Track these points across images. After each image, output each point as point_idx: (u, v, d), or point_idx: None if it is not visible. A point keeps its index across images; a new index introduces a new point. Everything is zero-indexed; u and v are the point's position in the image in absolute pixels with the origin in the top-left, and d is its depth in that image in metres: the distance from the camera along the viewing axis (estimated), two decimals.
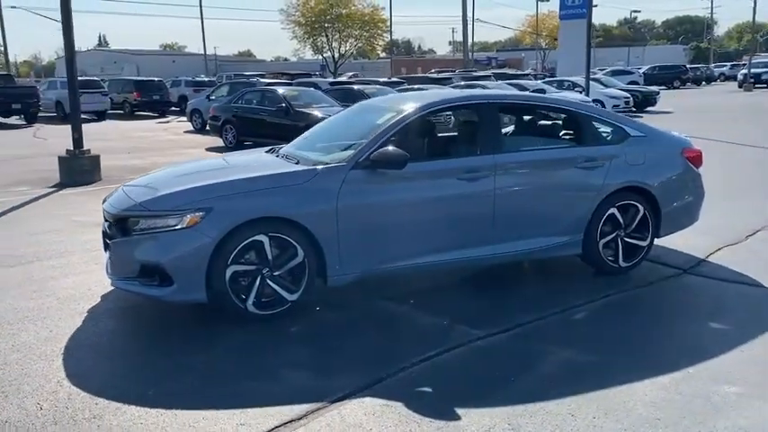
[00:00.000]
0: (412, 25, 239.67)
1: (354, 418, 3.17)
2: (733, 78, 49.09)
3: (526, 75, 34.36)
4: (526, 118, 6.03)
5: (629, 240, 5.27)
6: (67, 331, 4.26)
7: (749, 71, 40.81)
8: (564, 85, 24.41)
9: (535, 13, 65.95)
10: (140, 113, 28.02)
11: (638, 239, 5.30)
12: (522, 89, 19.34)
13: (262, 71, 39.64)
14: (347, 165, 4.48)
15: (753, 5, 45.48)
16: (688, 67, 51.03)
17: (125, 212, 4.35)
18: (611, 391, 3.40)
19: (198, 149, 15.18)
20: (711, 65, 63.70)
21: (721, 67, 61.90)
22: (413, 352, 3.86)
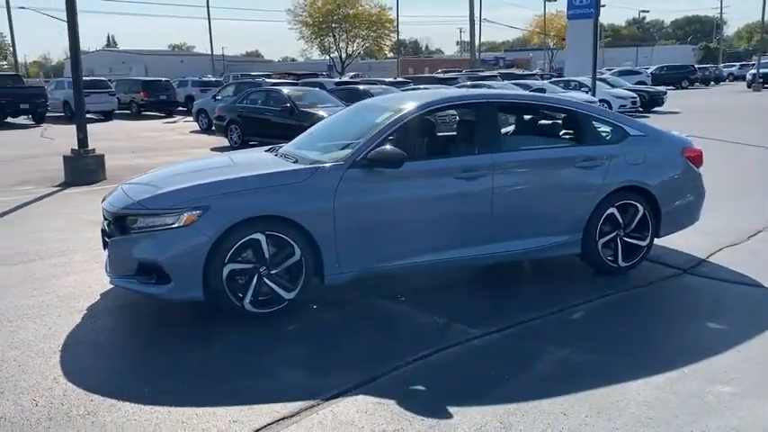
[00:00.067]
0: (419, 25, 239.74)
1: (347, 415, 3.18)
2: (742, 78, 48.76)
3: (533, 75, 34.28)
4: (525, 117, 6.02)
5: (628, 240, 5.25)
6: (66, 329, 4.29)
7: (758, 71, 40.49)
8: (570, 85, 24.32)
9: (543, 12, 65.97)
10: (147, 113, 28.12)
11: (638, 239, 5.28)
12: (527, 89, 19.29)
13: (269, 71, 39.75)
14: (345, 164, 4.49)
15: (762, 5, 45.08)
16: (696, 67, 50.72)
17: (123, 211, 4.37)
18: (604, 390, 3.39)
19: (203, 149, 15.21)
20: (720, 65, 63.30)
21: (730, 67, 61.47)
22: (409, 350, 3.87)
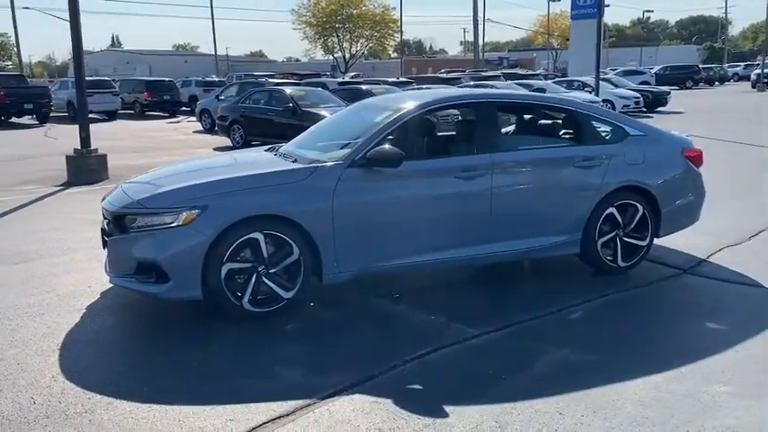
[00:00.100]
0: (423, 25, 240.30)
1: (343, 414, 3.19)
2: (747, 78, 48.61)
3: (536, 75, 34.27)
4: (524, 117, 6.02)
5: (628, 240, 5.24)
6: (65, 327, 4.30)
7: (763, 71, 40.45)
8: (573, 85, 24.30)
9: (547, 13, 65.87)
10: (151, 113, 28.18)
11: (638, 239, 5.27)
12: (529, 88, 19.28)
13: (273, 71, 39.83)
14: (343, 163, 4.50)
15: (767, 5, 44.99)
16: (701, 67, 50.58)
17: (123, 210, 4.38)
18: (601, 389, 3.39)
19: (206, 149, 15.24)
20: (725, 65, 63.12)
21: (735, 67, 61.31)
22: (407, 350, 3.87)
